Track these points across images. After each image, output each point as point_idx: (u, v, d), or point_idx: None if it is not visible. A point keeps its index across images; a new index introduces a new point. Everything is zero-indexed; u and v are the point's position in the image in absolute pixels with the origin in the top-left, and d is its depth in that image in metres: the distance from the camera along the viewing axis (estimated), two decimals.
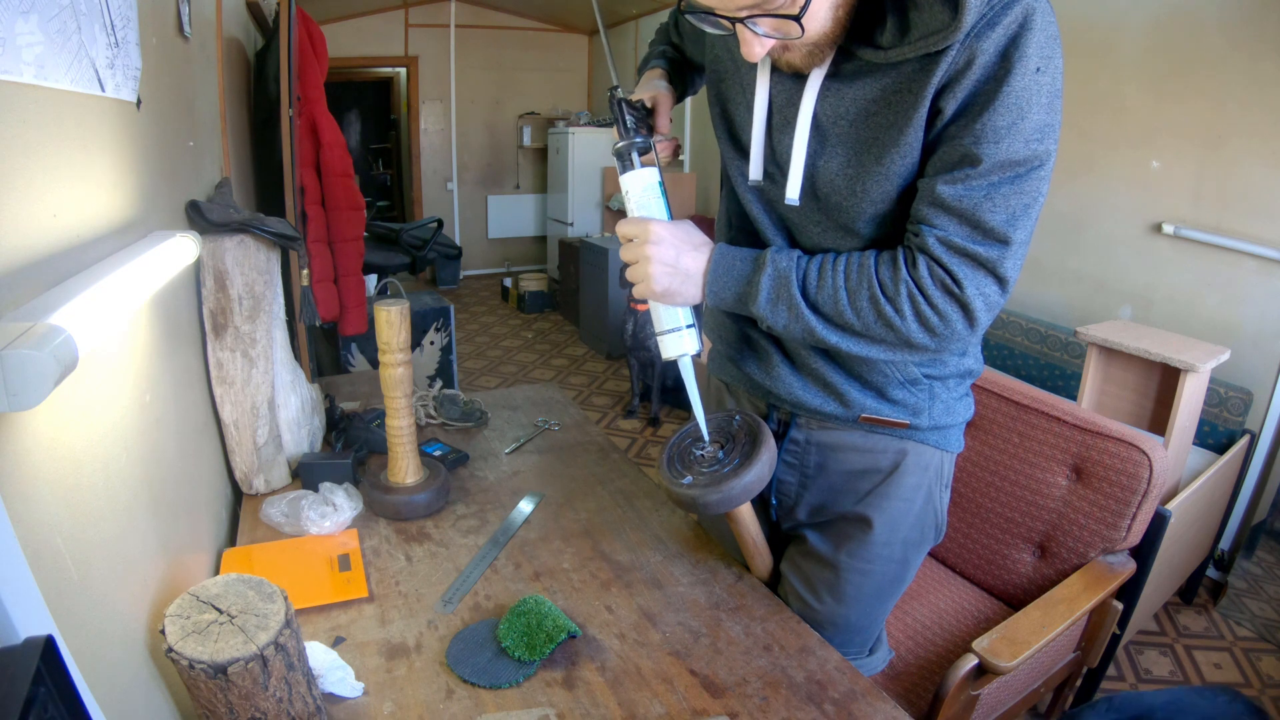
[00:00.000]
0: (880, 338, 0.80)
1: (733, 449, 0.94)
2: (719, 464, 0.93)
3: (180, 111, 1.19)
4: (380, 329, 1.12)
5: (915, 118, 0.74)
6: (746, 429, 0.96)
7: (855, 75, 0.77)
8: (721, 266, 0.84)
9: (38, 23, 0.59)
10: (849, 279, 0.79)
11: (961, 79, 0.70)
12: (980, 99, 0.70)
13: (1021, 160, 0.71)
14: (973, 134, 0.71)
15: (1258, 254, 2.23)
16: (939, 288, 0.75)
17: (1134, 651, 2.02)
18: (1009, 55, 0.69)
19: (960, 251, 0.74)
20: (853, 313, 0.79)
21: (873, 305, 0.78)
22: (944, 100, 0.72)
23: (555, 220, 6.13)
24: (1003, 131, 0.70)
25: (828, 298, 0.80)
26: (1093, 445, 1.36)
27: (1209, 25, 2.28)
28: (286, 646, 0.69)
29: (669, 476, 0.96)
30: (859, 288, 0.78)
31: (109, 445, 0.70)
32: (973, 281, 0.75)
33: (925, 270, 0.76)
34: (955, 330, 0.77)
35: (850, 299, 0.79)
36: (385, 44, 6.05)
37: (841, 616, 1.02)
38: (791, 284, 0.81)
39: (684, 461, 0.97)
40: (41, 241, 0.60)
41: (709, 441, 0.97)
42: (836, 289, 0.79)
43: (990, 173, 0.71)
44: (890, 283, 0.77)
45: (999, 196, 0.72)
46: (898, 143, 0.75)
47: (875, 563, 0.99)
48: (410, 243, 3.45)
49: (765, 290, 0.82)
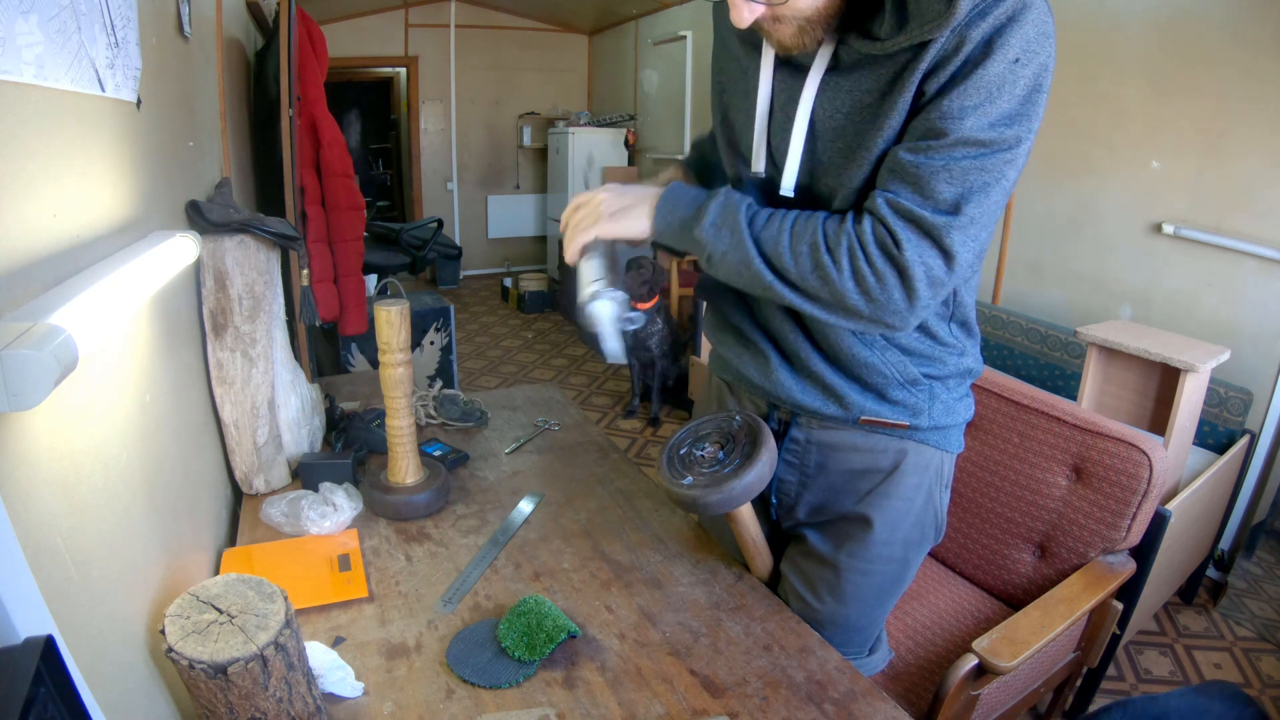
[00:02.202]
0: (815, 292, 0.79)
1: (733, 449, 0.94)
2: (719, 464, 0.93)
3: (180, 111, 1.19)
4: (380, 329, 1.12)
5: (902, 104, 0.75)
6: (746, 429, 0.96)
7: (852, 69, 0.78)
8: (674, 193, 0.87)
9: (38, 23, 0.59)
10: (795, 224, 0.80)
11: (947, 64, 0.71)
12: (957, 80, 0.71)
13: (985, 141, 0.71)
14: (940, 109, 0.72)
15: (1258, 254, 2.23)
16: (878, 246, 0.75)
17: (1134, 651, 2.02)
18: (992, 42, 0.70)
19: (905, 214, 0.74)
20: (791, 257, 0.79)
21: (812, 253, 0.78)
22: (928, 83, 0.73)
23: (555, 220, 6.12)
24: (969, 110, 0.71)
25: (770, 236, 0.80)
26: (1093, 445, 1.36)
27: (1209, 25, 2.28)
28: (286, 646, 0.69)
29: (669, 477, 0.95)
30: (802, 233, 0.79)
31: (109, 445, 0.70)
32: (914, 246, 0.74)
33: (869, 227, 0.76)
34: (891, 297, 0.76)
35: (792, 242, 0.79)
36: (385, 44, 6.05)
37: (842, 616, 1.02)
38: (739, 213, 0.82)
39: (684, 462, 0.97)
40: (41, 241, 0.60)
41: (709, 442, 0.97)
42: (781, 230, 0.80)
43: (951, 147, 0.72)
44: (833, 235, 0.78)
45: (956, 169, 0.72)
46: (884, 129, 0.76)
47: (875, 562, 0.99)
48: (410, 243, 3.45)
49: (712, 213, 0.83)
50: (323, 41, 2.26)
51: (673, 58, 5.25)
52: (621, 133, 5.87)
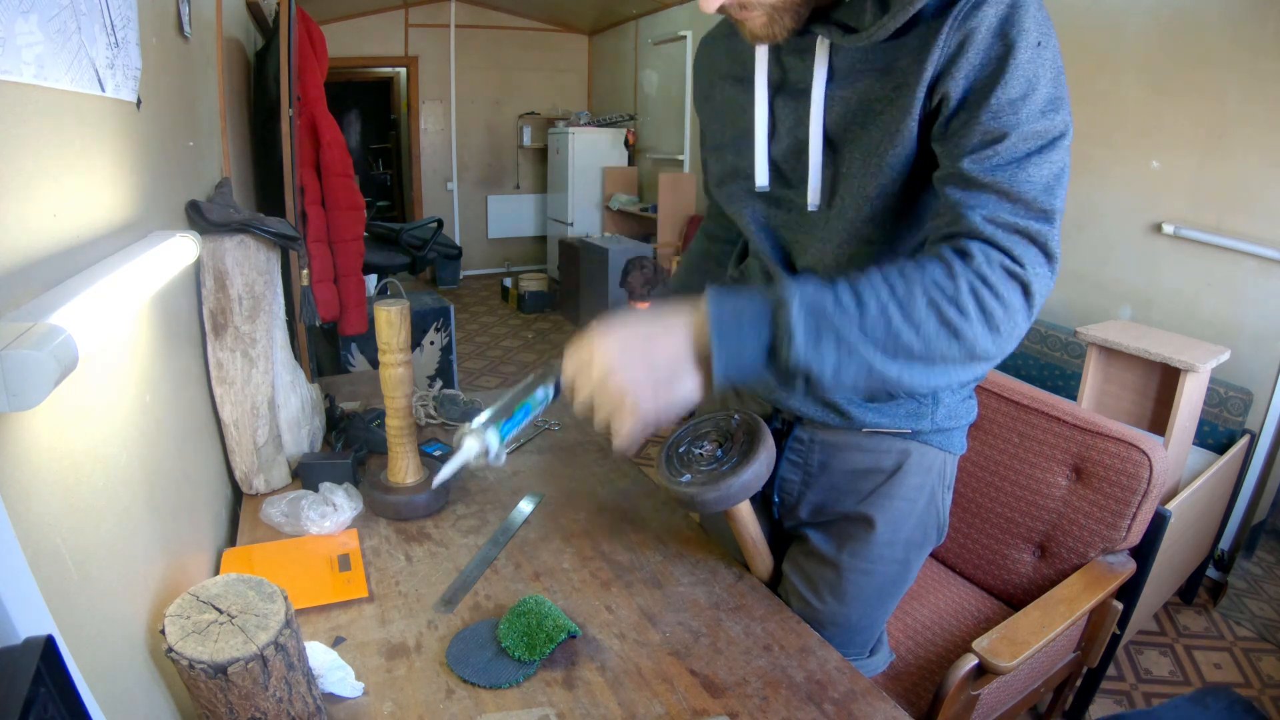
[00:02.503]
0: (944, 354, 0.66)
1: (731, 448, 0.94)
2: (717, 462, 0.93)
3: (180, 111, 1.19)
4: (380, 329, 1.12)
5: (912, 106, 0.73)
6: (745, 428, 0.96)
7: (851, 78, 0.78)
8: (726, 323, 0.65)
9: (38, 22, 0.59)
10: (895, 290, 0.65)
11: (959, 61, 0.70)
12: (987, 78, 0.69)
13: (1043, 131, 0.68)
14: (989, 110, 0.68)
15: (1258, 254, 2.23)
16: (1001, 270, 0.66)
17: (1134, 651, 2.02)
18: (1007, 33, 0.68)
19: (1012, 228, 0.67)
20: (910, 329, 0.65)
21: (932, 310, 0.65)
22: (944, 86, 0.71)
23: (555, 220, 6.13)
24: (1019, 104, 0.68)
25: (875, 319, 0.64)
26: (1093, 445, 1.36)
27: (1209, 25, 2.28)
28: (286, 646, 0.69)
29: (667, 475, 0.96)
30: (910, 295, 0.65)
31: (109, 445, 0.70)
32: (1030, 259, 0.67)
33: (981, 255, 0.66)
34: (1017, 321, 0.67)
35: (904, 312, 0.65)
36: (385, 44, 6.06)
37: (843, 616, 1.02)
38: (830, 313, 0.64)
39: (683, 460, 0.97)
40: (41, 241, 0.60)
41: (708, 440, 0.97)
42: (884, 305, 0.65)
43: (1016, 145, 0.67)
44: (946, 279, 0.66)
45: (1031, 167, 0.67)
46: (894, 137, 0.76)
47: (877, 563, 0.99)
48: (410, 243, 3.45)
49: (801, 328, 0.64)
50: (323, 42, 2.26)
51: (673, 58, 5.25)
52: (621, 133, 5.87)
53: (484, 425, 0.87)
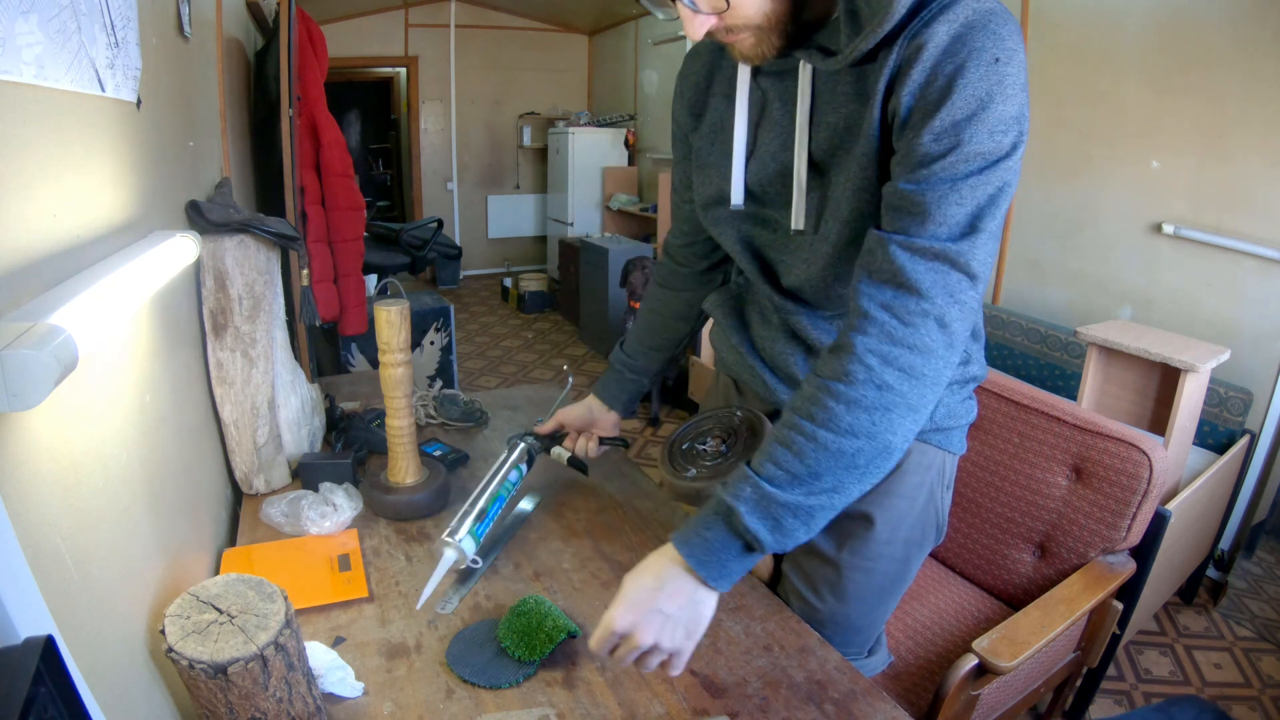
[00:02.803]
0: (890, 427, 0.69)
1: (735, 442, 0.94)
2: (722, 457, 0.93)
3: (180, 111, 1.19)
4: (380, 329, 1.12)
5: (871, 118, 0.74)
6: (747, 423, 0.96)
7: (837, 101, 0.78)
8: (702, 559, 0.72)
9: (38, 23, 0.59)
10: (813, 417, 0.69)
11: (909, 73, 0.68)
12: (935, 93, 0.68)
13: (986, 152, 0.67)
14: (932, 130, 0.68)
15: (1258, 254, 2.23)
16: (899, 319, 0.69)
17: (1134, 651, 2.02)
18: (959, 48, 0.67)
19: (921, 251, 0.69)
20: (849, 437, 0.69)
21: (853, 410, 0.68)
22: (894, 99, 0.71)
23: (555, 220, 6.13)
24: (963, 124, 0.67)
25: (819, 461, 0.69)
26: (1093, 445, 1.36)
27: (1209, 24, 2.28)
28: (286, 646, 0.69)
29: (671, 470, 0.96)
30: (828, 412, 0.69)
31: (109, 445, 0.70)
32: (940, 287, 0.68)
33: (880, 313, 0.69)
34: (939, 357, 0.70)
35: (832, 431, 0.69)
36: (385, 44, 6.05)
37: (843, 615, 1.02)
38: (775, 495, 0.69)
39: (686, 456, 0.97)
40: (41, 241, 0.60)
41: (711, 436, 0.97)
42: (816, 439, 0.69)
43: (954, 165, 0.67)
44: (853, 367, 0.69)
45: (965, 188, 0.68)
46: (859, 151, 0.76)
47: (877, 561, 0.99)
48: (410, 243, 3.45)
49: (760, 527, 0.70)
50: (323, 42, 2.26)
51: (673, 58, 5.25)
52: (621, 133, 5.87)
53: (459, 535, 1.00)
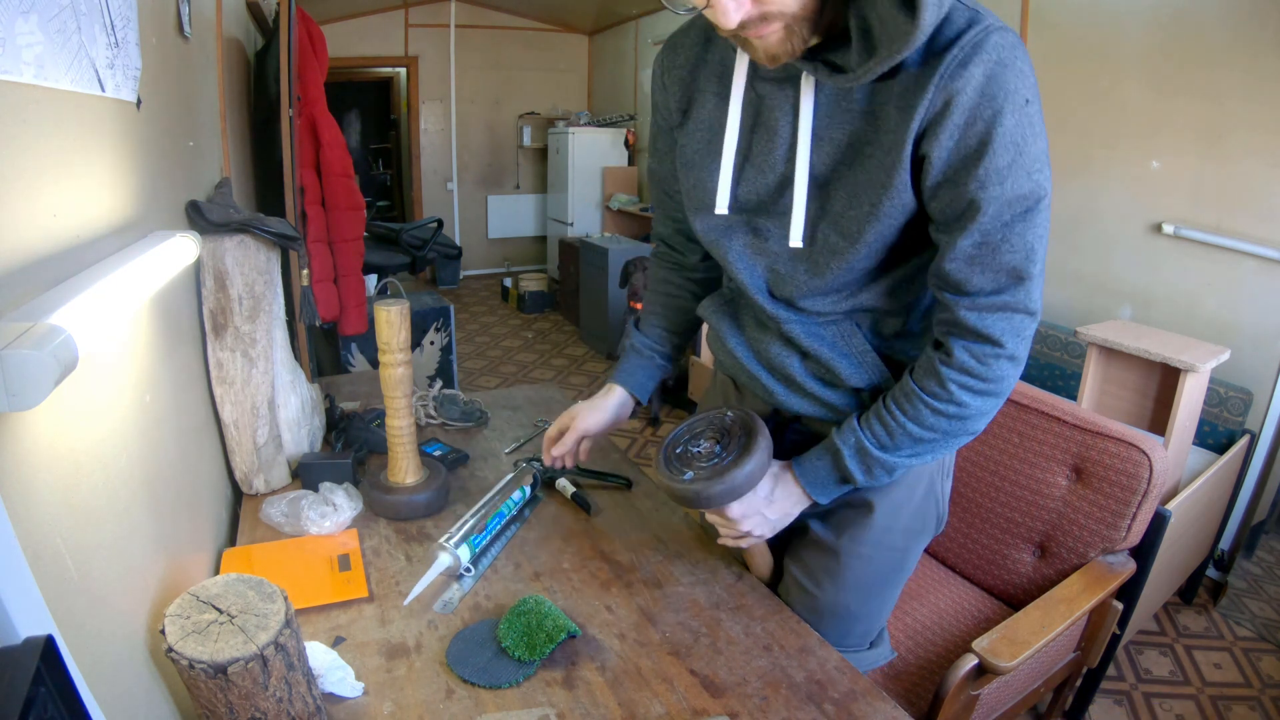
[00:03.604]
0: (959, 430, 0.84)
1: (729, 443, 0.94)
2: (717, 458, 0.93)
3: (180, 111, 1.19)
4: (380, 329, 1.12)
5: (901, 160, 0.74)
6: (740, 423, 0.96)
7: (839, 117, 0.78)
8: (814, 483, 0.92)
9: (38, 23, 0.59)
10: (905, 411, 0.84)
11: (943, 122, 0.70)
12: (974, 142, 0.70)
13: (1027, 194, 0.72)
14: (976, 179, 0.71)
15: (1258, 254, 2.23)
16: (979, 361, 0.79)
17: (1134, 651, 2.02)
18: (994, 94, 0.68)
19: (990, 308, 0.77)
20: (929, 431, 0.84)
21: (936, 415, 0.83)
22: (927, 145, 0.72)
23: (555, 220, 6.13)
24: (1004, 171, 0.70)
25: (903, 440, 0.85)
26: (1093, 445, 1.36)
27: (1209, 25, 2.28)
28: (286, 646, 0.69)
29: (668, 474, 0.96)
30: (918, 413, 0.83)
31: (109, 445, 0.70)
32: (1010, 332, 0.78)
33: (963, 354, 0.79)
34: (1006, 382, 0.81)
35: (917, 425, 0.84)
36: (385, 44, 6.05)
37: (842, 605, 1.02)
38: (872, 452, 0.86)
39: (681, 459, 0.97)
40: (41, 241, 0.60)
41: (704, 438, 0.97)
42: (904, 427, 0.84)
43: (1002, 214, 0.72)
44: (939, 389, 0.81)
45: (1014, 236, 0.73)
46: (887, 186, 0.76)
47: (876, 549, 0.99)
48: (410, 243, 3.45)
49: (858, 472, 0.88)
50: (323, 41, 2.26)
51: None
52: (621, 133, 5.87)
53: (456, 541, 1.02)
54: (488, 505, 1.12)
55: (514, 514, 1.17)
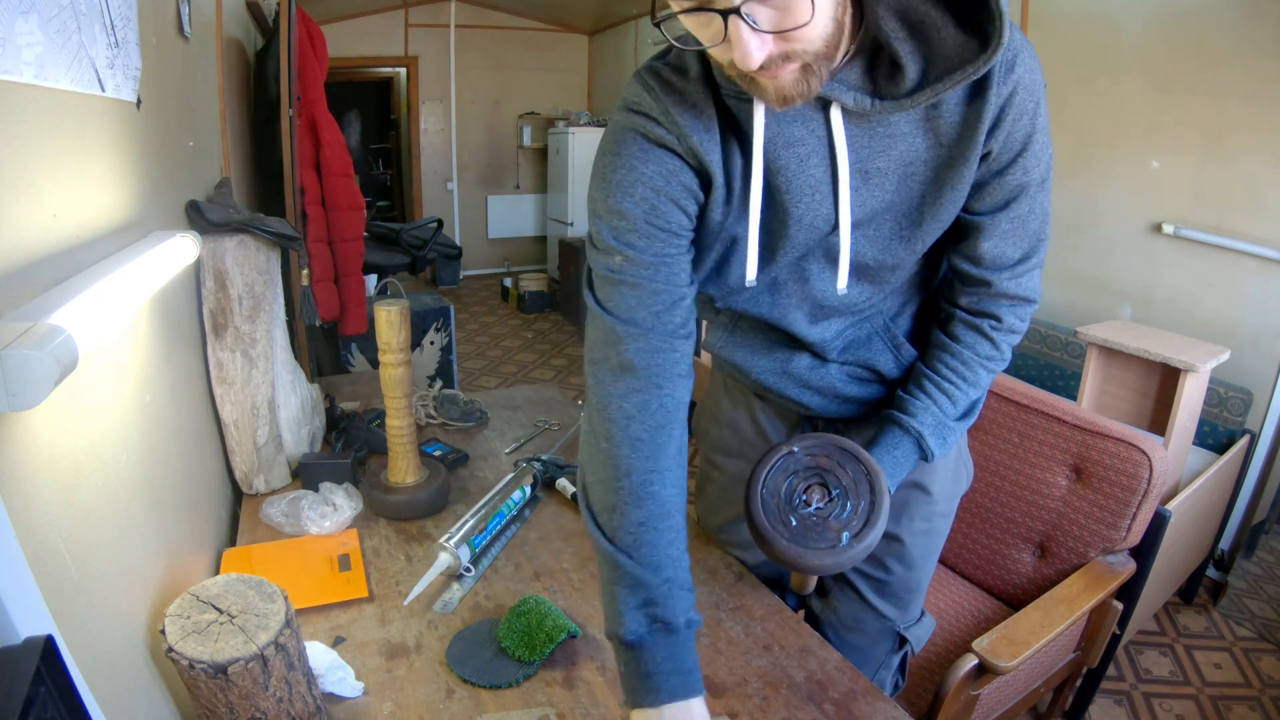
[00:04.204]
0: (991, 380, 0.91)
1: (843, 496, 0.78)
2: (826, 514, 0.77)
3: (180, 111, 1.19)
4: (380, 329, 1.12)
5: (972, 161, 0.73)
6: (863, 476, 0.79)
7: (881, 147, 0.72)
8: (889, 469, 0.86)
9: (38, 23, 0.59)
10: (965, 378, 0.87)
11: (1004, 120, 0.71)
12: (1021, 136, 0.73)
13: (1047, 166, 0.77)
14: (1021, 167, 0.75)
15: (1258, 254, 2.23)
16: (1020, 320, 0.86)
17: (1134, 651, 2.02)
18: (1033, 88, 0.71)
19: (1024, 273, 0.82)
20: (979, 390, 0.89)
21: (989, 374, 0.88)
22: (990, 143, 0.72)
23: (555, 220, 6.13)
24: (1039, 154, 0.75)
25: (963, 404, 0.88)
26: (1093, 445, 1.36)
27: (1210, 24, 2.28)
28: (286, 646, 0.69)
29: (769, 527, 0.76)
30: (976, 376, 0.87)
31: (109, 445, 0.70)
32: (1037, 289, 0.85)
33: (1011, 317, 0.85)
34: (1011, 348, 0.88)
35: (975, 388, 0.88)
36: (385, 44, 6.05)
37: (914, 580, 1.04)
38: (946, 424, 0.87)
39: (781, 508, 0.78)
40: (41, 241, 0.60)
41: (803, 481, 0.80)
42: (965, 393, 0.87)
43: (1034, 191, 0.77)
44: (993, 351, 0.86)
45: (1038, 206, 0.79)
46: (955, 191, 0.75)
47: (933, 519, 1.01)
48: (410, 243, 3.44)
49: (937, 446, 0.87)
50: (323, 41, 2.26)
51: None
52: None
53: (456, 541, 1.01)
54: (488, 505, 1.12)
55: (514, 514, 1.17)
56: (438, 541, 1.02)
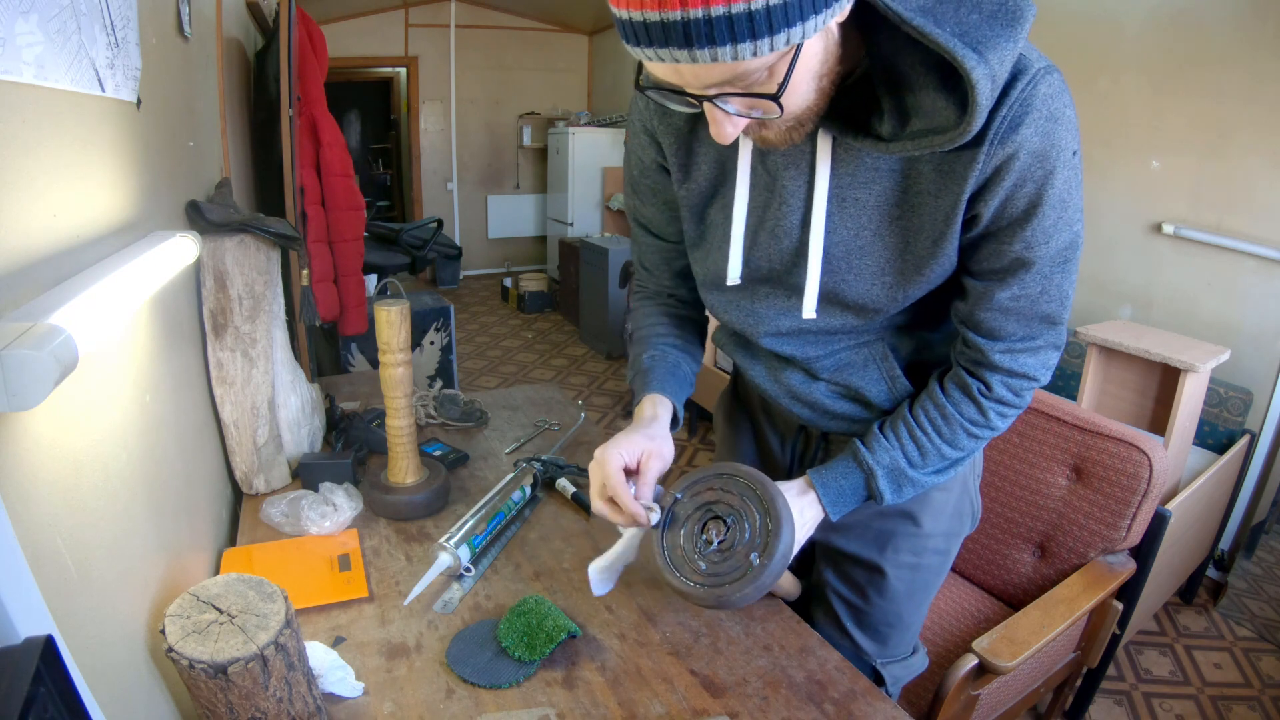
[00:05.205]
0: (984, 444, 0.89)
1: (738, 523, 0.79)
2: (727, 547, 0.78)
3: (180, 111, 1.19)
4: (380, 329, 1.12)
5: (954, 223, 0.70)
6: (750, 495, 0.80)
7: (864, 179, 0.73)
8: (838, 502, 0.86)
9: (38, 23, 0.59)
10: (941, 433, 0.84)
11: (998, 183, 0.67)
12: (1023, 203, 0.68)
13: (1068, 245, 0.72)
14: (1023, 240, 0.70)
15: (1258, 254, 2.23)
16: (1015, 394, 0.81)
17: (1134, 651, 2.02)
18: (1048, 155, 0.65)
19: (1023, 350, 0.78)
20: (959, 451, 0.85)
21: (971, 438, 0.84)
22: (979, 205, 0.69)
23: (555, 220, 6.13)
24: (1051, 230, 0.69)
25: (934, 460, 0.85)
26: (1093, 445, 1.36)
27: (1210, 25, 2.28)
28: (286, 646, 0.69)
29: (680, 580, 0.80)
30: (954, 433, 0.83)
31: (109, 445, 0.70)
32: (1041, 367, 0.80)
33: (1002, 389, 0.80)
34: (1029, 399, 0.84)
35: (951, 447, 0.84)
36: (385, 44, 6.05)
37: (893, 613, 1.01)
38: (905, 470, 0.85)
39: (685, 557, 0.81)
40: (41, 241, 0.60)
41: (698, 523, 0.83)
42: (938, 447, 0.84)
43: (1044, 268, 0.72)
44: (979, 415, 0.82)
45: (1053, 287, 0.73)
46: (937, 247, 0.73)
47: (921, 555, 0.99)
48: (410, 243, 3.45)
49: (888, 491, 0.85)
50: (323, 41, 2.26)
51: None
52: (621, 133, 5.87)
53: (456, 541, 1.01)
54: (488, 505, 1.12)
55: (514, 514, 1.17)
56: (438, 541, 1.02)
